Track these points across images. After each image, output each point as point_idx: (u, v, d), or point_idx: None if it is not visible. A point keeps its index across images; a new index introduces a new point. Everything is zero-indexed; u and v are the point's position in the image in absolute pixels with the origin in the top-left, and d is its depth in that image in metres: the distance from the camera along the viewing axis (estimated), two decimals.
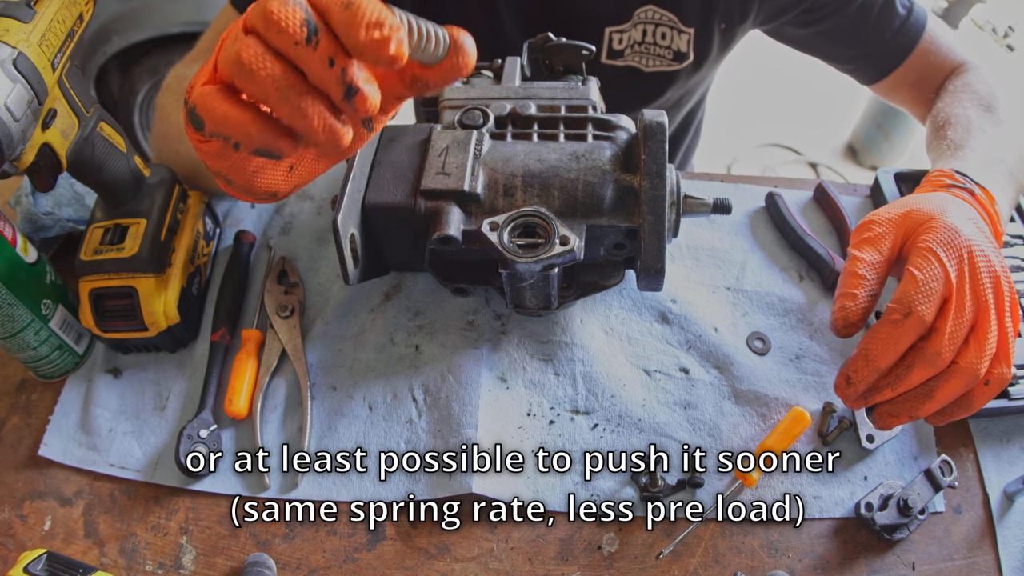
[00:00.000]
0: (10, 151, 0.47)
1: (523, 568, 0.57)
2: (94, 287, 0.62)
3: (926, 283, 0.49)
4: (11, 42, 0.47)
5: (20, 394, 0.67)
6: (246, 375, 0.64)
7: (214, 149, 0.40)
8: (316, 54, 0.36)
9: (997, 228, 0.58)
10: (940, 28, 0.83)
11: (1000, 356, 0.49)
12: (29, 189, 0.74)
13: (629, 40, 0.86)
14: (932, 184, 0.61)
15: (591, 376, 0.65)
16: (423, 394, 0.64)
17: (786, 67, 1.51)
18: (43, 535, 0.59)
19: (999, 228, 0.58)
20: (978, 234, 0.52)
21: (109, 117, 0.61)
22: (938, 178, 0.61)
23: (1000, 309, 0.49)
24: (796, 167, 2.61)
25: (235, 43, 0.36)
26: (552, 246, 0.53)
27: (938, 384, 0.49)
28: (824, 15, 0.84)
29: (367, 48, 0.35)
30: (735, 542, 0.58)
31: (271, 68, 0.36)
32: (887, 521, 0.56)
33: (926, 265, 0.49)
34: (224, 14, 0.85)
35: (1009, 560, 0.57)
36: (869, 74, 0.87)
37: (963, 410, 0.51)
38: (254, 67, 0.36)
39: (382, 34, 0.35)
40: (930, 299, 0.48)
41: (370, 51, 0.35)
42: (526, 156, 0.59)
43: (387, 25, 0.35)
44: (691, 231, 0.77)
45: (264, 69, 0.36)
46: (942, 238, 0.51)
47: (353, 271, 0.60)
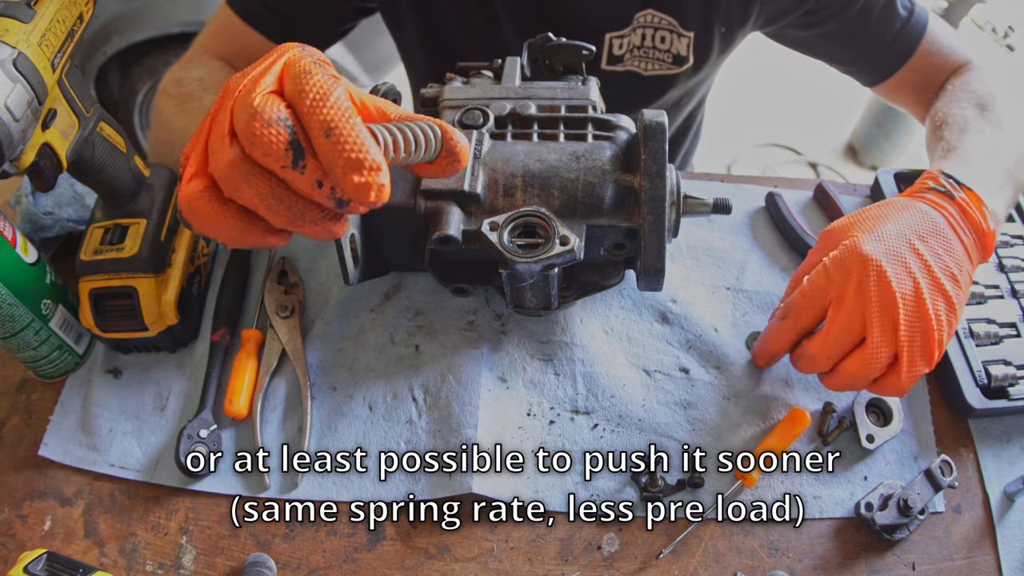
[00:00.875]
0: (10, 151, 0.47)
1: (523, 568, 0.57)
2: (94, 287, 0.62)
3: (806, 293, 0.57)
4: (11, 42, 0.47)
5: (20, 394, 0.67)
6: (246, 375, 0.64)
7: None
8: (304, 177, 0.35)
9: (981, 228, 0.59)
10: (942, 28, 0.83)
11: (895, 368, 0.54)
12: (29, 189, 0.74)
13: (628, 45, 0.86)
14: (912, 188, 0.63)
15: (591, 376, 0.65)
16: (423, 394, 0.64)
17: (786, 67, 1.52)
18: (43, 535, 0.59)
19: (985, 227, 0.59)
20: (900, 251, 0.55)
21: (109, 117, 0.61)
22: (923, 182, 0.62)
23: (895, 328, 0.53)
24: (796, 167, 2.61)
25: (222, 150, 0.36)
26: (552, 246, 0.53)
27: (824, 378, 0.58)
28: (825, 17, 0.83)
29: (348, 190, 0.35)
30: (735, 542, 0.58)
31: (258, 185, 0.36)
32: (887, 521, 0.56)
33: (813, 278, 0.57)
34: (220, 14, 0.85)
35: (1009, 560, 0.57)
36: (871, 76, 0.87)
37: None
38: (239, 185, 0.36)
39: (363, 179, 0.34)
40: (805, 308, 0.57)
41: (351, 193, 0.35)
42: (526, 156, 0.59)
43: (367, 167, 0.34)
44: (691, 231, 0.77)
45: (250, 187, 0.36)
46: (838, 256, 0.56)
47: (353, 271, 0.59)
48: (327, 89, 0.35)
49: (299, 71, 0.36)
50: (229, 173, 0.35)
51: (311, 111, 0.35)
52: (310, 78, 0.36)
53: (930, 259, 0.55)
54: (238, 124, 0.35)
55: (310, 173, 0.35)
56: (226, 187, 0.36)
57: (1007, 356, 0.66)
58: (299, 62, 0.37)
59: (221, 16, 0.84)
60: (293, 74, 0.36)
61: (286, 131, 0.34)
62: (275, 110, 0.35)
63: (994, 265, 0.73)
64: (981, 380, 0.64)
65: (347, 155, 0.34)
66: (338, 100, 0.35)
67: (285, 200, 0.36)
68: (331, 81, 0.36)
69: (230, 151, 0.35)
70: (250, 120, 0.34)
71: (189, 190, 0.37)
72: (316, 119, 0.35)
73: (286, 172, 0.35)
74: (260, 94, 0.35)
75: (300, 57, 0.38)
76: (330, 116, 0.34)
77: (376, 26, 1.02)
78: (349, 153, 0.34)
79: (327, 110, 0.35)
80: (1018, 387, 0.63)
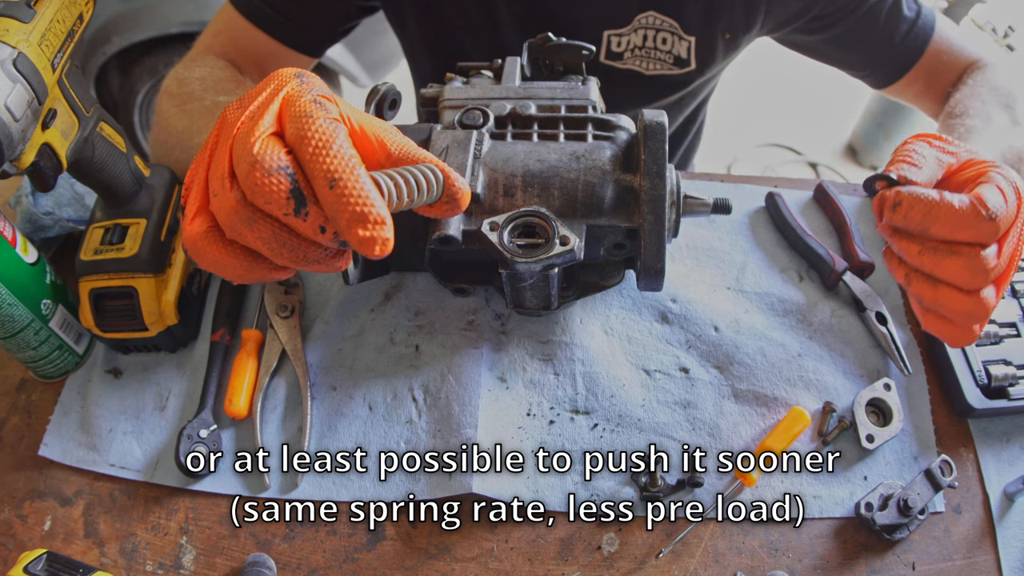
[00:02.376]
0: (10, 151, 0.47)
1: (523, 568, 0.57)
2: (94, 287, 0.62)
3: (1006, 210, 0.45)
4: (11, 42, 0.47)
5: (20, 394, 0.67)
6: (246, 375, 0.64)
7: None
8: (307, 223, 0.35)
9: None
10: (950, 28, 0.83)
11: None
12: (29, 189, 0.74)
13: (629, 44, 0.86)
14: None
15: (591, 376, 0.65)
16: (423, 394, 0.64)
17: (786, 67, 1.52)
18: (43, 535, 0.59)
19: None
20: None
21: (109, 117, 0.61)
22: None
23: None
24: (796, 167, 2.61)
25: (223, 193, 0.35)
26: (552, 246, 0.53)
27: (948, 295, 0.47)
28: (832, 22, 0.83)
29: (352, 243, 0.34)
30: (735, 542, 0.58)
31: (260, 230, 0.35)
32: (887, 521, 0.56)
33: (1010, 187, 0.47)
34: (222, 14, 0.85)
35: (1009, 560, 0.57)
36: (882, 78, 0.87)
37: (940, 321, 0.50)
38: (241, 229, 0.35)
39: (367, 232, 0.34)
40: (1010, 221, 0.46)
41: (355, 246, 0.35)
42: (526, 156, 0.59)
43: (371, 221, 0.34)
44: (691, 231, 0.77)
45: (252, 231, 0.35)
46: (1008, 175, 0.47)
47: (353, 271, 0.59)
48: (329, 136, 0.35)
49: (299, 113, 0.36)
50: (231, 219, 0.35)
51: (313, 160, 0.34)
52: (311, 123, 0.35)
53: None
54: (239, 170, 0.35)
55: (312, 220, 0.35)
56: (228, 231, 0.36)
57: (1007, 356, 0.66)
58: (298, 101, 0.36)
59: (224, 15, 0.84)
60: (293, 115, 0.36)
61: (287, 180, 0.34)
62: (275, 158, 0.34)
63: None
64: (981, 380, 0.64)
65: (351, 208, 0.34)
66: (341, 148, 0.35)
67: (288, 243, 0.36)
68: (333, 126, 0.35)
69: (231, 196, 0.35)
70: (251, 169, 0.34)
71: (193, 230, 0.37)
72: (319, 169, 0.34)
73: (288, 219, 0.35)
74: (259, 139, 0.35)
75: (299, 94, 0.37)
76: (334, 167, 0.34)
77: (376, 26, 1.02)
78: (354, 207, 0.34)
79: (330, 160, 0.34)
80: (1018, 387, 0.63)
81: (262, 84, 0.38)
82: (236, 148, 0.35)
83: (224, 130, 0.37)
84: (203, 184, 0.38)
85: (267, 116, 0.36)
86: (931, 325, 0.51)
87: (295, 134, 0.35)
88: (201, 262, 0.38)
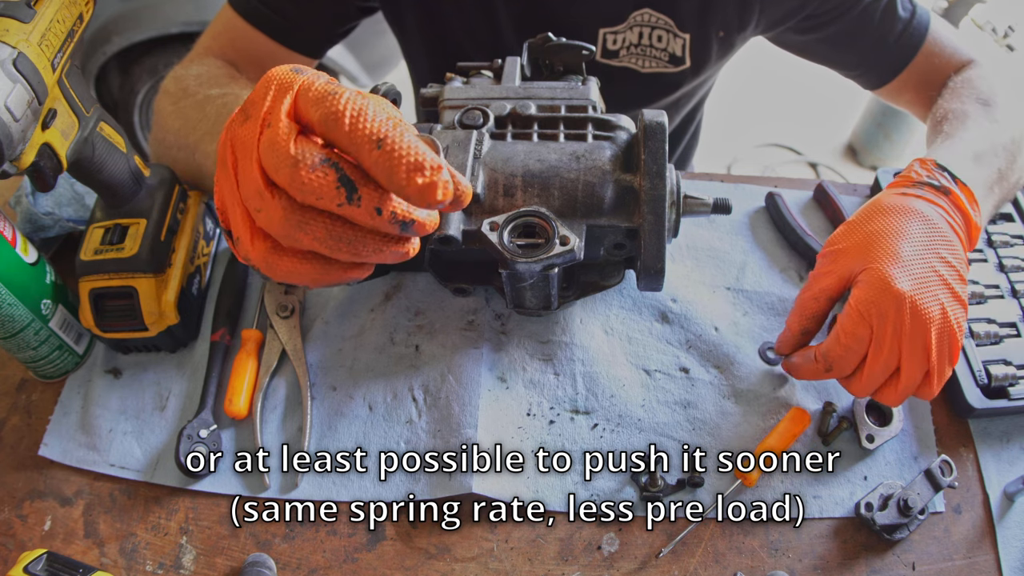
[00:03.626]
0: (10, 151, 0.47)
1: (523, 568, 0.57)
2: (94, 287, 0.62)
3: (848, 347, 0.55)
4: (11, 42, 0.47)
5: (20, 394, 0.67)
6: (246, 375, 0.64)
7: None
8: (361, 209, 0.35)
9: (971, 222, 0.59)
10: (944, 29, 0.82)
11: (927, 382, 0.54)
12: (29, 189, 0.74)
13: (624, 42, 0.86)
14: (907, 180, 0.62)
15: (591, 376, 0.65)
16: (423, 394, 0.64)
17: (786, 67, 1.52)
18: (43, 535, 0.59)
19: (974, 222, 0.59)
20: (924, 270, 0.54)
21: (109, 117, 0.61)
22: (918, 171, 0.61)
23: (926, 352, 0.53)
24: (796, 167, 2.61)
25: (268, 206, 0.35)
26: (552, 246, 0.53)
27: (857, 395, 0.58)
28: (826, 21, 0.83)
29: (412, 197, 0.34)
30: (735, 542, 0.58)
31: (314, 230, 0.35)
32: (887, 521, 0.56)
33: (851, 328, 0.54)
34: (222, 15, 0.85)
35: (1009, 560, 0.57)
36: (873, 79, 0.87)
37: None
38: (296, 235, 0.35)
39: (426, 179, 0.33)
40: (848, 360, 0.55)
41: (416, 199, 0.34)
42: (526, 156, 0.59)
43: (428, 167, 0.33)
44: (691, 231, 0.77)
45: (307, 234, 0.35)
46: (873, 298, 0.53)
47: None
48: (361, 104, 0.34)
49: (321, 95, 0.35)
50: (283, 228, 0.35)
51: (353, 129, 0.34)
52: (338, 99, 0.35)
53: (946, 274, 0.55)
54: (279, 176, 0.35)
55: (367, 203, 0.35)
56: (284, 240, 0.36)
57: (1007, 356, 0.66)
58: (313, 87, 0.36)
59: (223, 17, 0.84)
60: (315, 100, 0.35)
61: (332, 170, 0.34)
62: (313, 153, 0.34)
63: (994, 265, 0.73)
64: (981, 380, 0.64)
65: (405, 160, 0.33)
66: (376, 111, 0.34)
67: (344, 237, 0.36)
68: (359, 96, 0.35)
69: (276, 207, 0.35)
70: (294, 171, 0.34)
71: (258, 251, 0.37)
72: (362, 136, 0.34)
73: (343, 209, 0.35)
74: (291, 140, 0.34)
75: (311, 81, 0.36)
76: (375, 127, 0.34)
77: (376, 26, 1.02)
78: (407, 158, 0.33)
79: (370, 123, 0.34)
80: (1018, 387, 0.63)
81: (261, 89, 0.38)
82: (268, 157, 0.35)
83: (240, 146, 0.37)
84: (239, 204, 0.38)
85: (283, 117, 0.36)
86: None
87: (324, 115, 0.35)
88: (275, 276, 0.38)
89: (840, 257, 0.58)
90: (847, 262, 0.57)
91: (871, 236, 0.57)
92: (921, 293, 0.53)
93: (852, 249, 0.57)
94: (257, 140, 0.36)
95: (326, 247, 0.36)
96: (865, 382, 0.55)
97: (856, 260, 0.56)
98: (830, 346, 0.56)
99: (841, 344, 0.55)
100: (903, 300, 0.52)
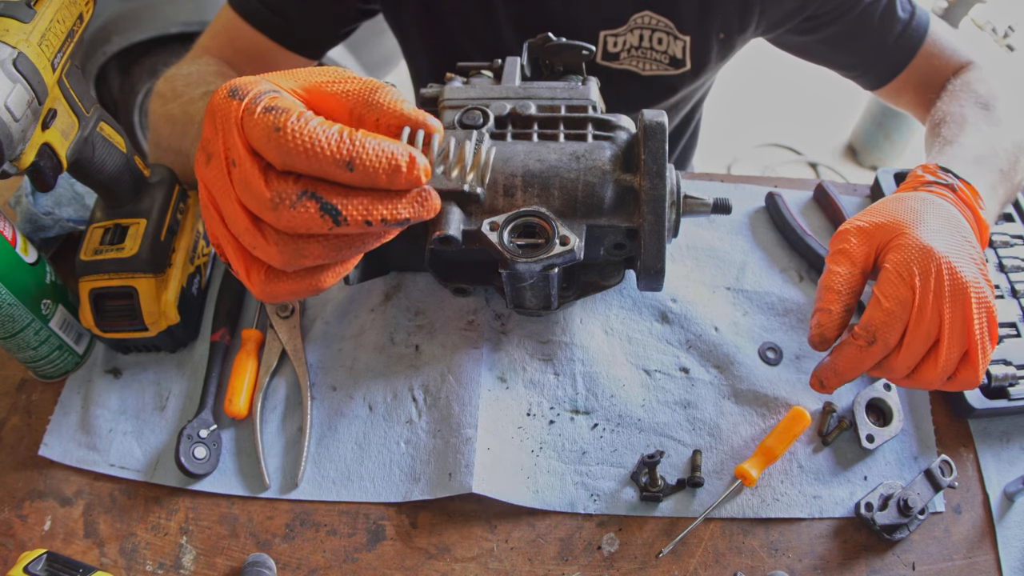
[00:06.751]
0: (10, 151, 0.47)
1: (523, 568, 0.57)
2: (94, 287, 0.62)
3: (891, 312, 0.51)
4: (11, 42, 0.47)
5: (20, 394, 0.67)
6: (246, 375, 0.64)
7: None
8: (351, 227, 0.36)
9: (979, 218, 0.59)
10: (943, 30, 0.83)
11: (970, 362, 0.51)
12: (29, 189, 0.74)
13: (625, 44, 0.86)
14: (913, 182, 0.62)
15: (591, 376, 0.65)
16: (423, 394, 0.64)
17: (786, 67, 1.52)
18: (43, 535, 0.59)
19: (982, 218, 0.59)
20: (954, 242, 0.53)
21: (109, 117, 0.61)
22: (921, 175, 0.62)
23: (967, 323, 0.51)
24: (796, 167, 2.61)
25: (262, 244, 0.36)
26: (552, 246, 0.53)
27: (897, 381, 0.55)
28: (826, 22, 0.83)
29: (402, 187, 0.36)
30: (735, 542, 0.58)
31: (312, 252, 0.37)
32: (887, 521, 0.56)
33: (892, 291, 0.52)
34: (221, 15, 0.84)
35: (1009, 560, 0.57)
36: (872, 80, 0.87)
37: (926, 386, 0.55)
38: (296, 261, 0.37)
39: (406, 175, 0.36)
40: (894, 327, 0.51)
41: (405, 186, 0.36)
42: (526, 156, 0.59)
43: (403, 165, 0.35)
44: (691, 231, 0.77)
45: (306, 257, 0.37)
46: (911, 258, 0.52)
47: (353, 271, 0.59)
48: (308, 129, 0.34)
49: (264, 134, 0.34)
50: (281, 259, 0.37)
51: (313, 160, 0.34)
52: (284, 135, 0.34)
53: (972, 253, 0.54)
54: (265, 217, 0.35)
55: (354, 219, 0.36)
56: (286, 267, 0.38)
57: (1007, 356, 0.66)
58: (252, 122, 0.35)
59: (223, 17, 0.84)
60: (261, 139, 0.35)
61: (311, 202, 0.35)
62: (289, 191, 0.35)
63: (994, 265, 0.73)
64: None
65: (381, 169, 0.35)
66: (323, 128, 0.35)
67: (341, 245, 0.38)
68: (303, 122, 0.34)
69: (269, 243, 0.36)
70: (276, 212, 0.35)
71: (255, 284, 0.39)
72: (327, 163, 0.34)
73: (334, 231, 0.36)
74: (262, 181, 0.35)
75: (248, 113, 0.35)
76: (334, 151, 0.34)
77: (376, 26, 1.02)
78: (381, 167, 0.35)
79: (327, 148, 0.34)
80: (1018, 387, 0.63)
81: (208, 124, 0.37)
82: (246, 198, 0.36)
83: (214, 187, 0.37)
84: (231, 241, 0.38)
85: (244, 154, 0.35)
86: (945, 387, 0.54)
87: (281, 156, 0.35)
88: (279, 300, 0.40)
89: (867, 232, 0.56)
90: (877, 234, 0.55)
91: (896, 213, 0.56)
92: (957, 258, 0.52)
93: (878, 225, 0.56)
94: (228, 179, 0.36)
95: (328, 259, 0.38)
96: (905, 354, 0.52)
97: (885, 232, 0.55)
98: (871, 315, 0.52)
99: (883, 309, 0.51)
100: (940, 262, 0.51)
